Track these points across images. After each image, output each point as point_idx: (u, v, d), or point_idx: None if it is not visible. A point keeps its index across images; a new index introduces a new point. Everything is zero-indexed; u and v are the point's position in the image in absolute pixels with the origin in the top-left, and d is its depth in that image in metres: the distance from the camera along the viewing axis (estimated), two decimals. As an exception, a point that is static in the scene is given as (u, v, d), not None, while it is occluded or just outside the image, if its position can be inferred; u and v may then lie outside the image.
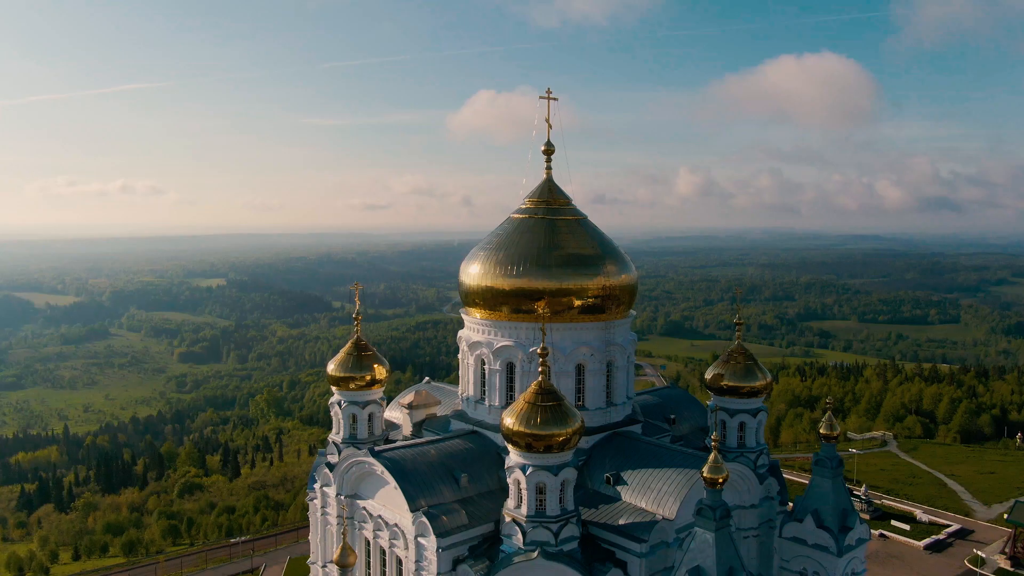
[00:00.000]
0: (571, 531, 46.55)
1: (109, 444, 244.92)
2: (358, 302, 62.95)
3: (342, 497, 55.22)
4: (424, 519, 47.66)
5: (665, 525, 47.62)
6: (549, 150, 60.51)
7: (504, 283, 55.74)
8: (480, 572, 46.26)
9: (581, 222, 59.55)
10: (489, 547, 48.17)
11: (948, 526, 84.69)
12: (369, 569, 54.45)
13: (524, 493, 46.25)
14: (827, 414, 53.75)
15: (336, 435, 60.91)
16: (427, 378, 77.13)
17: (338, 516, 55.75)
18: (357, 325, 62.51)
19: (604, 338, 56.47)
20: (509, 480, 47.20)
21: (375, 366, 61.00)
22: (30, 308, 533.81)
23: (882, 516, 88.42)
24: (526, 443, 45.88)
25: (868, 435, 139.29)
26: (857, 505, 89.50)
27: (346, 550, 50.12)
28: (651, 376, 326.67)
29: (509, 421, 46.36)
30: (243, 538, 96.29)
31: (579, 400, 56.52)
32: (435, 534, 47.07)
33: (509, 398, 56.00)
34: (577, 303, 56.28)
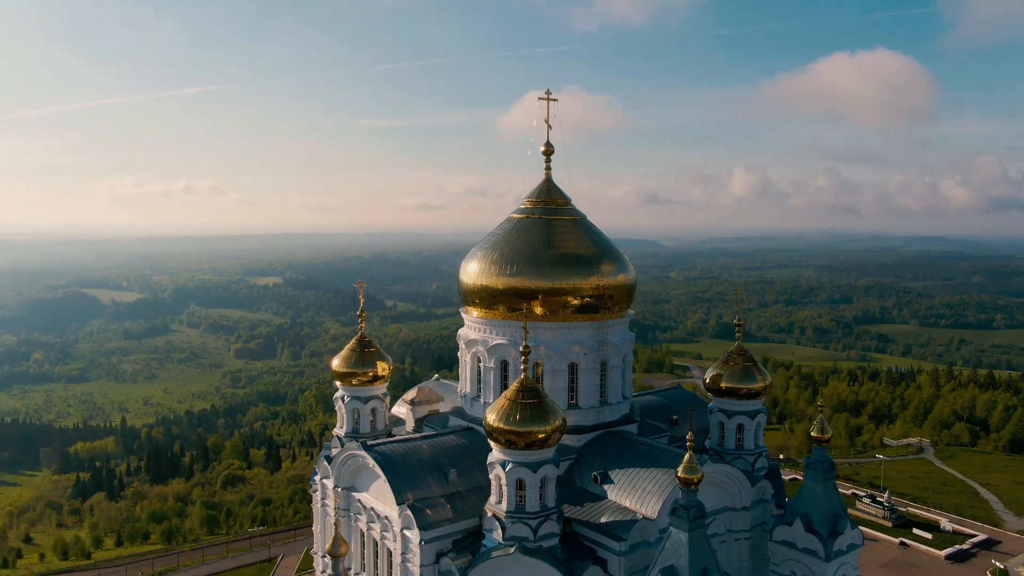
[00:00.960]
0: (551, 527, 47.07)
1: (163, 436, 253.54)
2: (362, 300, 64.34)
3: (339, 489, 56.69)
4: (409, 512, 48.77)
5: (646, 524, 47.76)
6: (548, 150, 61.07)
7: (498, 282, 56.52)
8: (461, 565, 47.08)
9: (579, 222, 59.90)
10: (473, 541, 48.98)
11: (973, 536, 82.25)
12: (364, 560, 55.78)
13: (504, 489, 46.97)
14: (819, 417, 53.07)
15: (339, 429, 62.58)
16: (436, 375, 78.24)
17: (335, 508, 57.20)
18: (362, 322, 63.96)
19: (598, 338, 56.77)
20: (491, 476, 47.99)
21: (378, 362, 62.40)
22: (96, 304, 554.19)
23: (905, 524, 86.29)
24: (506, 439, 46.59)
25: (904, 441, 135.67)
26: (880, 512, 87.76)
27: (338, 540, 51.58)
28: (697, 379, 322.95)
29: (491, 417, 47.13)
30: (260, 528, 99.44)
31: (572, 399, 56.96)
32: (418, 527, 48.13)
33: (500, 393, 56.62)
34: (573, 302, 56.74)
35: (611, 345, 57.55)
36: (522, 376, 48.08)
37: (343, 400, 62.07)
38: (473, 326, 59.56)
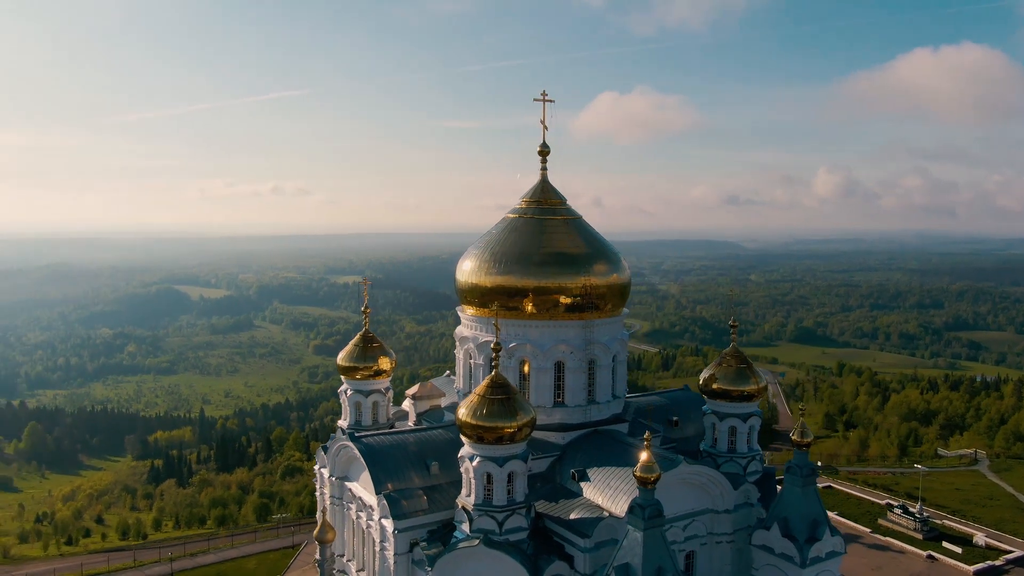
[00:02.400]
0: (517, 522, 47.90)
1: (236, 427, 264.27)
2: (367, 297, 66.49)
3: (333, 479, 58.92)
4: (385, 501, 50.43)
5: (613, 522, 48.03)
6: (544, 151, 61.78)
7: (487, 280, 57.69)
8: (432, 555, 48.36)
9: (571, 222, 60.43)
10: (448, 533, 50.20)
11: (1009, 552, 78.27)
12: (355, 547, 57.81)
13: (473, 482, 48.08)
14: (800, 421, 52.18)
15: (343, 421, 64.97)
16: (448, 372, 79.81)
17: (330, 496, 59.52)
18: (366, 319, 66.14)
19: (585, 337, 57.16)
20: (461, 469, 49.17)
21: (380, 358, 64.50)
22: (186, 300, 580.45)
23: (937, 537, 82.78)
24: (476, 434, 47.69)
25: (959, 452, 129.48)
26: (911, 524, 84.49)
27: (324, 527, 53.82)
28: (767, 383, 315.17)
29: (461, 412, 48.33)
30: (283, 515, 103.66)
31: (559, 397, 57.56)
32: (392, 516, 49.74)
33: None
34: (564, 301, 57.35)
35: (599, 344, 57.83)
36: (493, 372, 49.07)
37: (346, 394, 64.36)
38: (467, 324, 60.88)
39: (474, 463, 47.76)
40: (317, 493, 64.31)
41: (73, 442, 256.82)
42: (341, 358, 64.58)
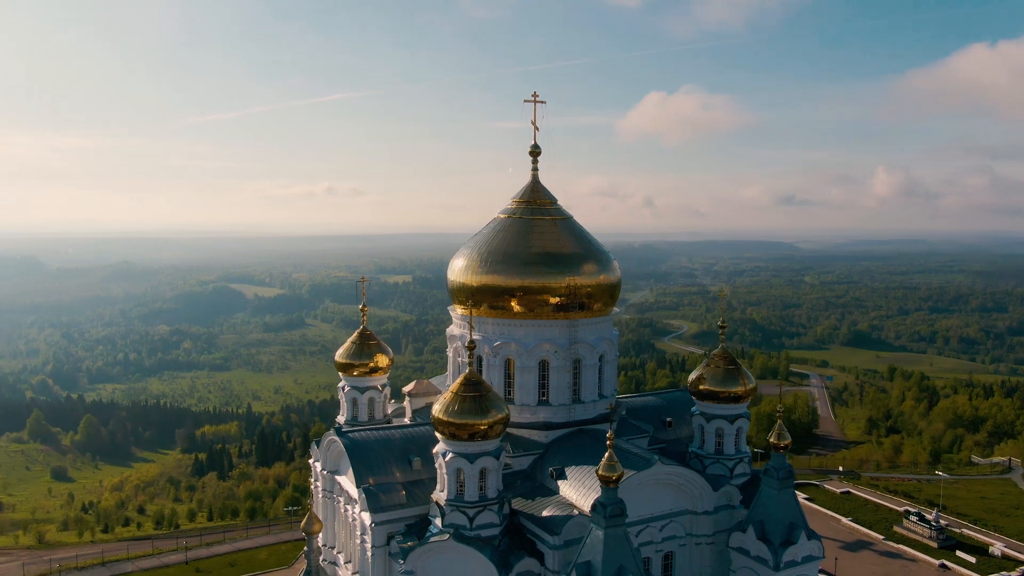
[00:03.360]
0: (489, 518, 48.54)
1: (281, 423, 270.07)
2: (364, 295, 67.91)
3: (325, 472, 60.42)
4: (363, 495, 51.61)
5: (583, 520, 48.22)
6: (535, 152, 62.25)
7: (474, 280, 58.50)
8: (407, 549, 49.29)
9: (560, 222, 60.73)
10: (424, 527, 51.10)
11: (1025, 563, 76.04)
12: (343, 539, 59.17)
13: (445, 478, 48.91)
14: (777, 423, 51.67)
15: (341, 417, 66.52)
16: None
17: (322, 489, 61.05)
18: (363, 317, 67.55)
19: (569, 336, 57.45)
20: (436, 465, 50.04)
21: (377, 355, 65.91)
22: (241, 298, 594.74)
23: (954, 546, 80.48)
24: (449, 431, 48.52)
25: (993, 460, 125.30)
26: (926, 532, 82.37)
27: (311, 519, 55.57)
28: (814, 387, 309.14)
29: (435, 409, 49.21)
30: (295, 508, 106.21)
31: (543, 395, 57.96)
32: (370, 509, 50.89)
33: (477, 389, 58.65)
34: (552, 301, 57.76)
35: (584, 344, 58.05)
36: (467, 370, 49.85)
37: (343, 390, 65.88)
38: (456, 322, 61.77)
39: (446, 459, 48.61)
40: (312, 486, 65.95)
41: (126, 435, 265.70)
42: (339, 355, 66.17)
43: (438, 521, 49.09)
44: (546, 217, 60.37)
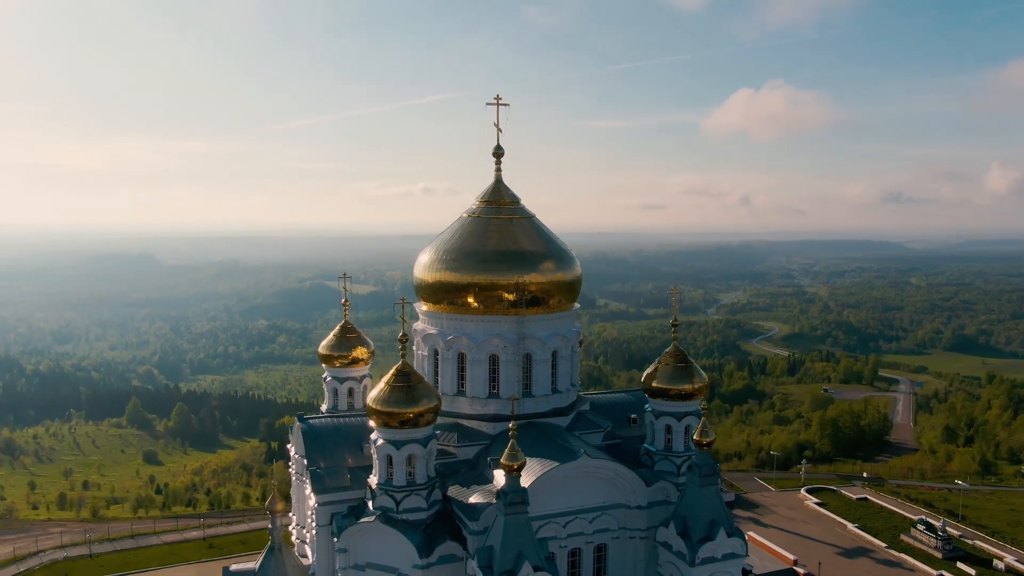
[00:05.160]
0: (415, 502, 51.00)
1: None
2: (346, 290, 71.66)
3: (297, 456, 64.34)
4: (311, 476, 55.07)
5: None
6: (498, 153, 64.12)
7: (430, 277, 61.19)
8: (342, 527, 52.36)
9: (519, 222, 62.35)
10: (364, 509, 54.06)
11: (1033, 578, 72.05)
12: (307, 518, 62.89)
13: (376, 463, 51.73)
14: (702, 421, 51.92)
15: (324, 406, 70.45)
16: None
17: (295, 472, 65.00)
18: (346, 310, 71.27)
19: (518, 331, 59.10)
20: (371, 451, 52.90)
21: (357, 347, 69.54)
22: (336, 295, 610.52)
23: (960, 557, 76.93)
24: (380, 419, 51.33)
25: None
26: (931, 541, 79.04)
27: (274, 499, 59.45)
28: (901, 393, 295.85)
29: (369, 398, 52.13)
30: None
31: (493, 388, 59.87)
32: (313, 491, 54.30)
33: (435, 380, 61.33)
34: (508, 297, 59.65)
35: (534, 339, 59.58)
36: (400, 362, 52.51)
37: (326, 380, 69.80)
38: (421, 317, 64.51)
39: (377, 444, 51.42)
40: (290, 469, 70.07)
41: (214, 423, 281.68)
42: (321, 347, 70.23)
43: (371, 504, 51.95)
44: (504, 216, 62.17)
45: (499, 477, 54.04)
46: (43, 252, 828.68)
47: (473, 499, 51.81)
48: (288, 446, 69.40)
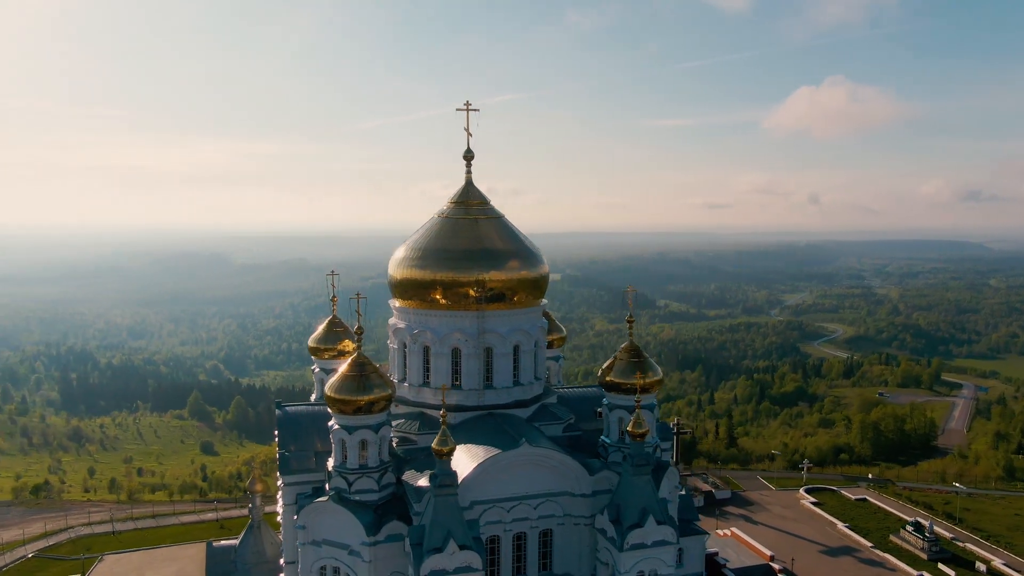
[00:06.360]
0: (367, 484, 54.47)
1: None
2: (334, 287, 75.75)
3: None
4: (279, 459, 59.16)
5: (445, 491, 52.87)
6: (469, 156, 67.10)
7: (398, 274, 64.68)
8: (301, 506, 56.21)
9: (485, 222, 65.08)
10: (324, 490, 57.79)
11: (1017, 582, 70.85)
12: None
13: (333, 447, 55.42)
14: (636, 413, 53.81)
15: (313, 396, 74.70)
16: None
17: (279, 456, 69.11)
18: (334, 307, 75.31)
19: (478, 326, 61.98)
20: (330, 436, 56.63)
21: (343, 340, 73.45)
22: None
23: (946, 558, 75.82)
24: (336, 406, 55.01)
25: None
26: (918, 543, 78.24)
27: (254, 480, 64.01)
28: (962, 397, 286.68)
29: (327, 385, 55.87)
30: None
31: (456, 380, 62.85)
32: (280, 472, 58.37)
33: (404, 372, 64.81)
34: (472, 293, 62.55)
35: (494, 334, 62.31)
36: (355, 354, 56.09)
37: (314, 371, 74.02)
38: (394, 313, 68.05)
39: (333, 430, 55.11)
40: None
41: (271, 417, 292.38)
42: (310, 340, 74.46)
43: (327, 485, 55.69)
44: (471, 217, 65.09)
45: (454, 463, 57.17)
46: (123, 251, 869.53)
47: (421, 482, 54.88)
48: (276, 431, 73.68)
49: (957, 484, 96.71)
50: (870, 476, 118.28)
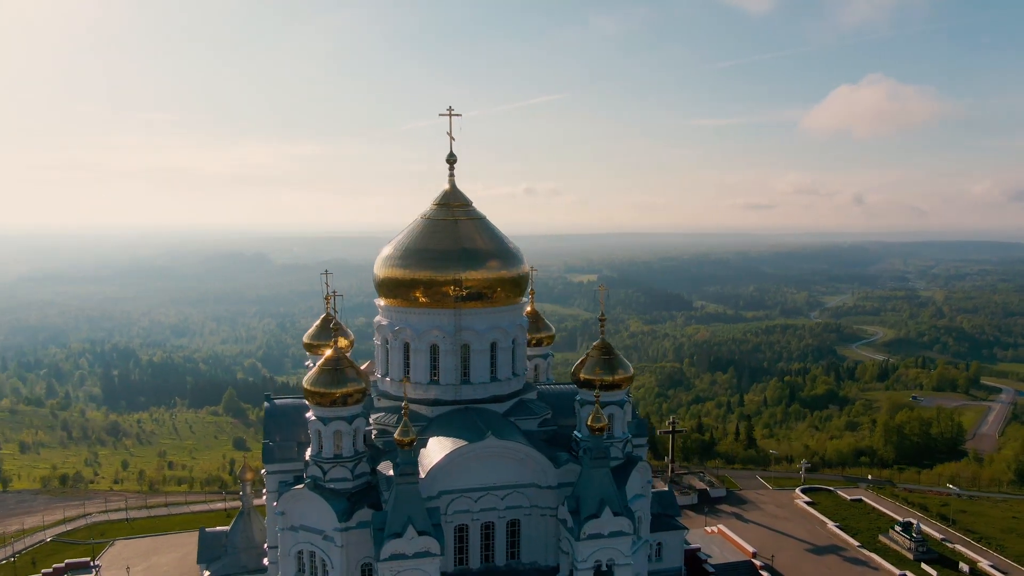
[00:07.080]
0: (341, 473, 57.17)
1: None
2: (327, 285, 78.68)
3: (274, 433, 71.64)
4: (264, 448, 62.18)
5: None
6: (451, 160, 69.36)
7: (381, 273, 67.26)
8: (281, 493, 59.11)
9: (466, 223, 67.24)
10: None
11: (1001, 583, 70.45)
12: (280, 490, 70.07)
13: (311, 438, 58.23)
14: (595, 407, 55.50)
15: (307, 390, 77.57)
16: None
17: (271, 447, 72.24)
18: (327, 304, 78.27)
19: (455, 324, 64.24)
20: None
21: (338, 337, 76.06)
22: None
23: (933, 559, 75.59)
24: (312, 398, 57.84)
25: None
26: (905, 543, 78.18)
27: (244, 469, 67.19)
28: (1000, 401, 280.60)
29: (305, 379, 58.73)
30: None
31: (435, 375, 65.20)
32: (263, 460, 61.37)
33: (386, 367, 67.41)
34: (451, 292, 64.87)
35: (471, 331, 64.50)
36: (331, 351, 58.82)
37: (308, 368, 76.91)
38: (379, 311, 70.68)
39: (310, 421, 57.92)
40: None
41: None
42: (305, 336, 77.55)
43: (305, 473, 58.52)
44: (452, 218, 67.37)
45: (427, 454, 59.63)
46: (168, 251, 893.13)
47: (390, 472, 57.40)
48: (269, 424, 76.93)
49: (950, 485, 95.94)
50: (869, 477, 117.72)
